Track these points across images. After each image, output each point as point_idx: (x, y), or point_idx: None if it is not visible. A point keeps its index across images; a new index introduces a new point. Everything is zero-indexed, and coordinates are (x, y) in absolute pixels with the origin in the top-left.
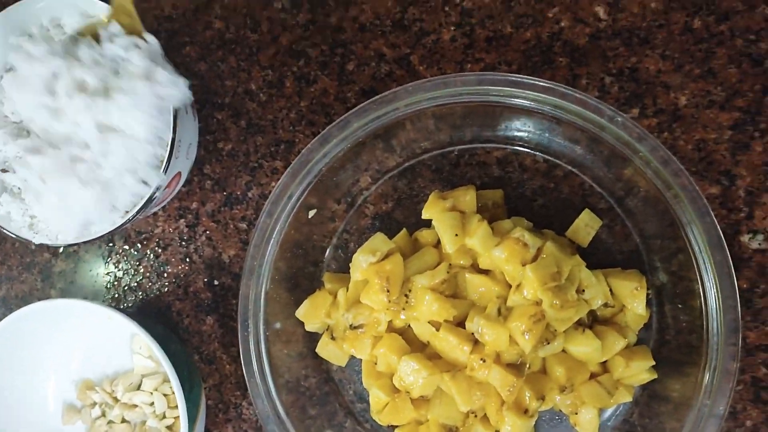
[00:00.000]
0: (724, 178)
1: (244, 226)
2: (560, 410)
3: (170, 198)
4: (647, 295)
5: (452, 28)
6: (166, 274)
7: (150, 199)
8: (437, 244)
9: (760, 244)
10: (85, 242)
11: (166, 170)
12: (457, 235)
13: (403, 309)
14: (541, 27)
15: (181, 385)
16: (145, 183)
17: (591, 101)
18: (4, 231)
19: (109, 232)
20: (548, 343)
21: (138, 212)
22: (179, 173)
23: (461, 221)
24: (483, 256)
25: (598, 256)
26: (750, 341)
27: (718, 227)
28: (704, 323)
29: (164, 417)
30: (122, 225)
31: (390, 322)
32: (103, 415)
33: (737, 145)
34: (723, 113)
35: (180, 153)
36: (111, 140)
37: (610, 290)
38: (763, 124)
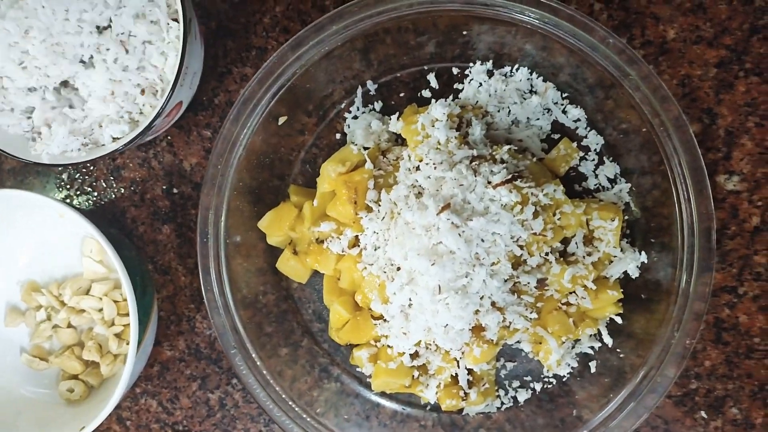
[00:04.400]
0: (705, 116)
1: (208, 133)
2: (522, 343)
3: (167, 127)
4: (621, 229)
5: None
6: (121, 179)
7: (148, 127)
8: None
9: (735, 185)
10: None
11: (169, 98)
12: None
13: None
14: None
15: (134, 291)
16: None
17: (584, 19)
18: None
19: (100, 157)
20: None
21: (134, 140)
22: (180, 103)
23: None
24: None
25: (574, 188)
26: (716, 282)
27: (702, 160)
28: (676, 260)
29: (113, 324)
30: (114, 151)
31: (356, 237)
32: (49, 318)
33: (721, 83)
34: (710, 50)
35: (185, 81)
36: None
37: (586, 221)
38: (749, 64)
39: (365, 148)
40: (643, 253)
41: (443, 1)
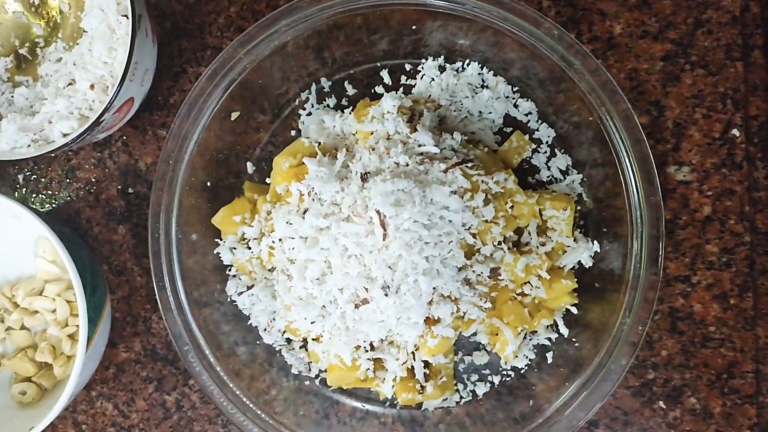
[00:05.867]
0: (653, 109)
1: (163, 133)
2: (479, 335)
3: (120, 124)
4: (574, 219)
5: None
6: (76, 179)
7: (97, 122)
8: None
9: (684, 176)
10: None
11: (117, 93)
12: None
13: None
14: None
15: (84, 290)
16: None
17: (532, 13)
18: None
19: (46, 153)
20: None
21: (82, 135)
22: (132, 99)
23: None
24: None
25: (527, 180)
26: (670, 271)
27: (650, 151)
28: (627, 249)
29: (66, 325)
30: (63, 146)
31: None
32: (2, 321)
33: (668, 76)
34: (656, 44)
35: (135, 77)
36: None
37: (540, 211)
38: (694, 57)
39: (318, 143)
40: (596, 242)
41: None
